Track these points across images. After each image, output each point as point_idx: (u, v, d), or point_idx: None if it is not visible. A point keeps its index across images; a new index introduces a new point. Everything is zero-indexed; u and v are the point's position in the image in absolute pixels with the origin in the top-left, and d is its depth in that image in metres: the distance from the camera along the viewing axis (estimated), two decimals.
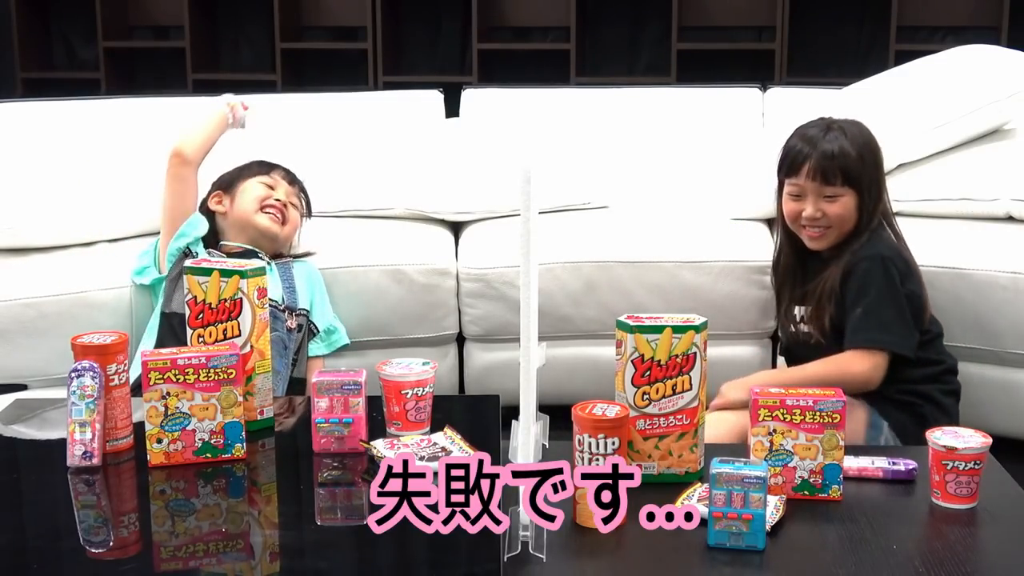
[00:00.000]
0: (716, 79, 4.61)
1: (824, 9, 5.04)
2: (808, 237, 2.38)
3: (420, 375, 1.82)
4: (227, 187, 2.66)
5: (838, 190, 2.31)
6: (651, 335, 1.69)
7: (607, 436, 1.56)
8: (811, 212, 2.33)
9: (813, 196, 2.33)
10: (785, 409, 1.67)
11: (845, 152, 2.31)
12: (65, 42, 5.57)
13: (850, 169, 2.31)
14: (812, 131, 2.36)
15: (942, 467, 1.66)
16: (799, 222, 2.37)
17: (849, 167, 2.31)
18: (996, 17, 4.76)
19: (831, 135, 2.33)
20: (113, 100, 3.73)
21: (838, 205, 2.32)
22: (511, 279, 2.82)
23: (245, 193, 2.63)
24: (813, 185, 2.32)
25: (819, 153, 2.31)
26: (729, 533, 1.52)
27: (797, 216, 2.37)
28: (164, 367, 1.70)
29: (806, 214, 2.34)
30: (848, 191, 2.32)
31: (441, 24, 5.39)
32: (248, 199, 2.62)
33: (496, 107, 3.59)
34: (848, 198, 2.32)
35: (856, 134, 2.35)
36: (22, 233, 2.84)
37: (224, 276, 1.86)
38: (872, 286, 2.29)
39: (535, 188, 1.43)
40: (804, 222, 2.36)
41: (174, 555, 1.50)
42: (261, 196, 2.63)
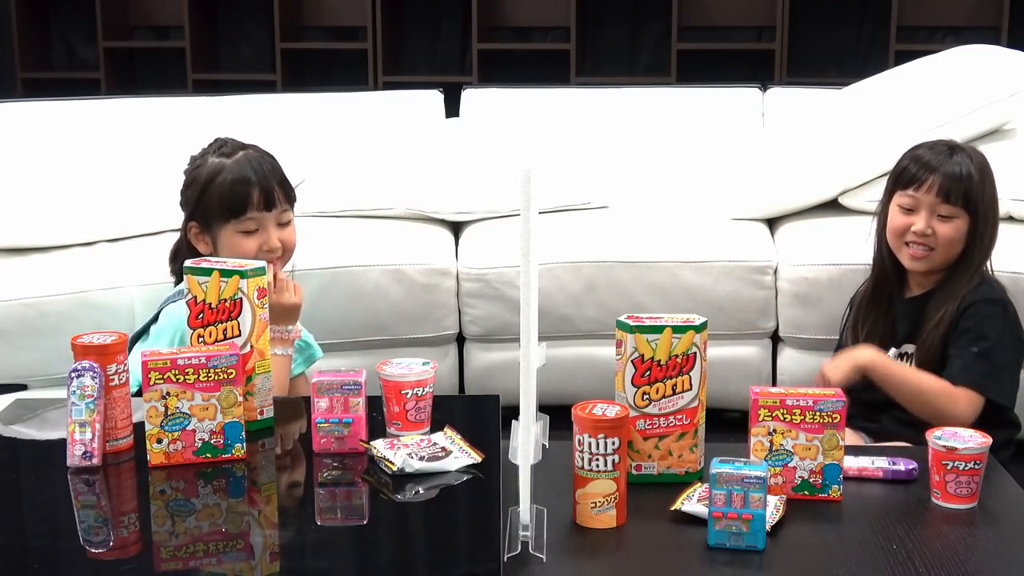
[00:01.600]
0: (716, 79, 4.61)
1: (824, 9, 5.04)
2: (910, 256, 2.28)
3: (420, 375, 1.82)
4: (202, 222, 2.23)
5: (955, 211, 2.23)
6: (651, 335, 1.69)
7: (607, 436, 1.56)
8: (922, 227, 2.23)
9: (927, 211, 2.24)
10: (785, 409, 1.67)
11: (971, 175, 2.23)
12: (65, 42, 5.58)
13: (972, 193, 2.23)
14: (937, 149, 2.29)
15: (942, 467, 1.66)
16: (904, 238, 2.27)
17: (972, 191, 2.23)
18: (996, 17, 4.76)
19: (958, 157, 2.26)
20: (113, 100, 3.74)
21: (951, 227, 2.23)
22: (511, 279, 2.82)
23: (233, 251, 2.17)
24: (931, 200, 2.23)
25: (945, 170, 2.23)
26: (729, 533, 1.52)
27: (904, 231, 2.27)
28: (164, 367, 1.70)
29: (916, 228, 2.24)
30: (964, 216, 2.24)
31: (441, 24, 5.40)
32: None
33: (496, 107, 3.60)
34: (962, 223, 2.24)
35: (981, 162, 2.28)
36: (22, 233, 2.84)
37: (224, 276, 1.85)
38: (992, 330, 2.21)
39: (535, 188, 1.43)
40: (911, 238, 2.26)
41: (174, 555, 1.50)
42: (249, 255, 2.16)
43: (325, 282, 2.76)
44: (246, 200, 2.19)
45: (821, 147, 3.08)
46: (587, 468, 1.57)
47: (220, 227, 2.21)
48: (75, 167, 3.05)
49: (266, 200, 2.20)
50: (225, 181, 2.19)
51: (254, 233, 2.21)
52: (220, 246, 2.21)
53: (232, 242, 2.19)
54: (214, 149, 2.27)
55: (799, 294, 2.81)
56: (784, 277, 2.83)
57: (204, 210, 2.22)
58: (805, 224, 3.00)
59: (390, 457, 1.69)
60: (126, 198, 2.99)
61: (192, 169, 2.27)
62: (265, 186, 2.21)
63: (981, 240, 2.26)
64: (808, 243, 2.88)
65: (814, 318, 2.81)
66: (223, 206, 2.19)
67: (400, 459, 1.68)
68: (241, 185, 2.19)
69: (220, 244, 2.21)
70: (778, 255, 2.87)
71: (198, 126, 3.32)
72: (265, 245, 2.21)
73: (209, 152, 2.27)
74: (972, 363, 2.19)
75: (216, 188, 2.19)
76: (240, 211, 2.19)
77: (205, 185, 2.21)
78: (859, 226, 2.93)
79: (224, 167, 2.22)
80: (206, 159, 2.25)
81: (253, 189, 2.19)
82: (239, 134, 2.76)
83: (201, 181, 2.22)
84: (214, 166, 2.23)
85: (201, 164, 2.25)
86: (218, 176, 2.20)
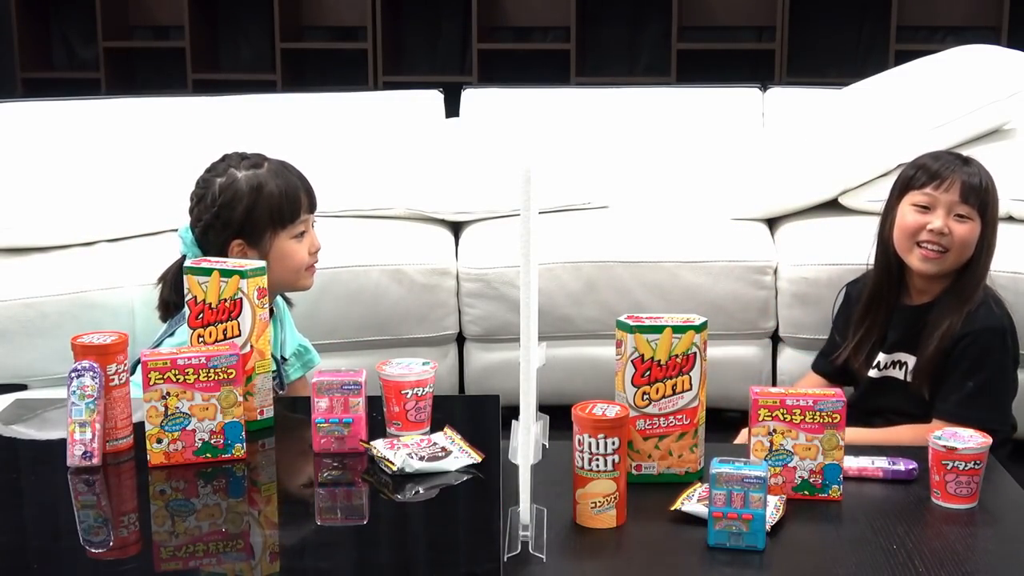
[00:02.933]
0: (716, 79, 4.61)
1: (824, 9, 5.04)
2: (922, 256, 2.23)
3: (420, 375, 1.82)
4: (251, 237, 2.19)
5: (972, 213, 2.21)
6: (651, 335, 1.69)
7: (607, 436, 1.56)
8: (940, 225, 2.20)
9: (945, 210, 2.21)
10: (785, 409, 1.67)
11: (986, 186, 2.24)
12: (65, 42, 5.57)
13: (987, 202, 2.23)
14: (951, 156, 2.29)
15: (942, 467, 1.66)
16: (916, 238, 2.23)
17: (987, 199, 2.23)
18: (996, 17, 4.76)
19: (974, 167, 2.26)
20: (113, 100, 3.73)
21: (967, 228, 2.21)
22: (511, 279, 2.82)
23: (286, 260, 2.19)
24: (950, 199, 2.21)
25: (964, 174, 2.23)
26: (729, 533, 1.52)
27: (917, 229, 2.23)
28: (164, 367, 1.70)
29: (933, 226, 2.20)
30: (978, 221, 2.22)
31: (441, 24, 5.39)
32: (291, 266, 2.21)
33: (496, 107, 3.60)
34: (975, 226, 2.22)
35: (988, 175, 2.28)
36: (22, 233, 2.84)
37: (224, 276, 1.85)
38: (990, 361, 2.19)
39: (535, 188, 1.43)
40: (925, 236, 2.22)
41: (174, 555, 1.50)
42: (307, 262, 2.24)
43: (325, 282, 2.75)
44: (298, 205, 2.20)
45: (821, 147, 3.08)
46: (587, 468, 1.57)
47: (273, 237, 2.18)
48: (75, 167, 3.05)
49: (311, 202, 2.24)
50: (274, 192, 2.18)
51: (302, 237, 2.22)
52: (273, 256, 2.17)
53: (287, 249, 2.19)
54: (236, 162, 2.22)
55: (799, 294, 2.81)
56: (784, 277, 2.83)
57: (253, 224, 2.17)
58: (805, 224, 3.00)
59: (390, 457, 1.69)
60: (126, 198, 2.99)
61: (227, 186, 2.19)
62: (308, 189, 2.24)
63: (988, 250, 2.25)
64: (808, 243, 2.88)
65: (814, 318, 2.81)
66: (276, 215, 2.18)
67: (400, 459, 1.68)
68: (293, 191, 2.20)
69: (274, 254, 2.18)
70: (778, 255, 2.87)
71: (198, 126, 3.34)
72: (313, 247, 2.24)
73: (232, 166, 2.21)
74: (967, 400, 2.17)
75: (265, 200, 2.17)
76: (293, 217, 2.19)
77: (254, 199, 2.17)
78: (859, 226, 2.93)
79: (264, 179, 2.19)
80: (233, 175, 2.19)
81: (301, 193, 2.21)
82: (239, 134, 2.77)
83: (245, 195, 2.17)
84: (253, 179, 2.19)
85: (231, 181, 2.19)
86: (264, 188, 2.18)
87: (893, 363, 2.31)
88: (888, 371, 2.32)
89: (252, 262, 1.93)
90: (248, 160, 2.23)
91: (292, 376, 2.31)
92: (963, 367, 2.19)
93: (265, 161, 2.24)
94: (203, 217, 2.19)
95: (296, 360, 2.33)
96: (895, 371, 2.31)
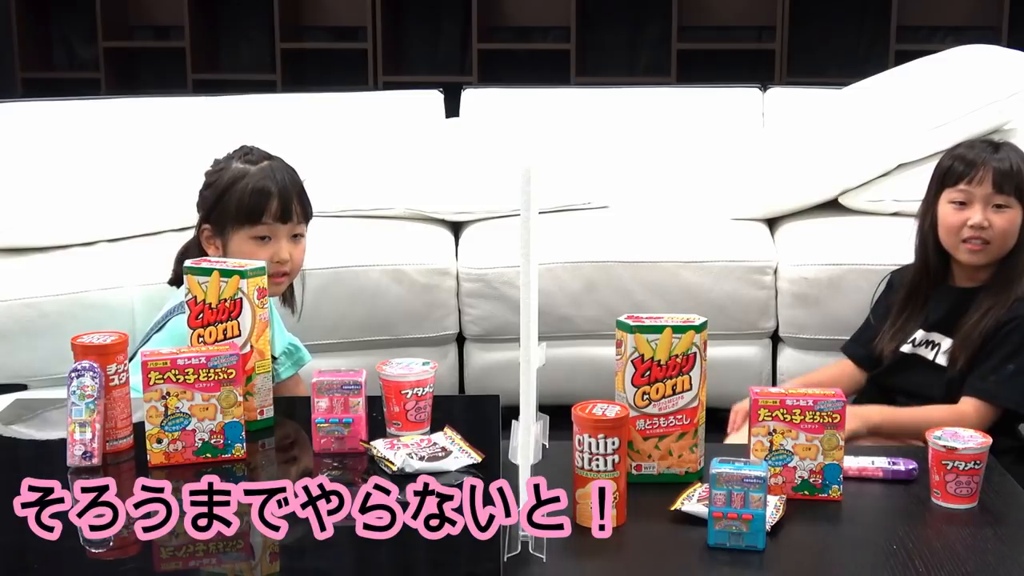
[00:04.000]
0: (716, 79, 4.61)
1: (824, 9, 5.04)
2: (968, 250, 2.26)
3: (420, 375, 1.82)
4: (216, 225, 2.23)
5: (1010, 200, 2.24)
6: (651, 335, 1.69)
7: (607, 436, 1.56)
8: (979, 220, 2.23)
9: (982, 204, 2.24)
10: (785, 409, 1.67)
11: (1019, 168, 2.26)
12: (65, 42, 5.57)
13: (1022, 181, 2.25)
14: (980, 146, 2.32)
15: (942, 467, 1.66)
16: (959, 235, 2.27)
17: (1021, 182, 2.25)
18: (996, 17, 4.76)
19: (1004, 151, 2.28)
20: (113, 100, 3.74)
21: (1006, 218, 2.24)
22: (511, 279, 2.82)
23: (238, 257, 2.16)
24: (984, 192, 2.24)
25: (995, 162, 2.26)
26: (729, 533, 1.52)
27: (959, 227, 2.26)
28: (164, 367, 1.70)
29: (973, 221, 2.23)
30: (1017, 206, 2.25)
31: (441, 24, 5.39)
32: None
33: (496, 107, 3.60)
34: (1016, 213, 2.25)
35: (1020, 153, 2.30)
36: (22, 233, 2.84)
37: (224, 276, 1.85)
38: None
39: (535, 188, 1.43)
40: (967, 233, 2.25)
41: (174, 555, 1.50)
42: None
43: (325, 282, 2.76)
44: (263, 208, 2.20)
45: (821, 147, 3.08)
46: (587, 468, 1.57)
47: (233, 232, 2.21)
48: (75, 167, 3.05)
49: (283, 212, 2.21)
50: (246, 187, 2.20)
51: (266, 242, 2.21)
52: (230, 251, 2.20)
53: (243, 248, 2.20)
54: (239, 155, 2.27)
55: (799, 294, 2.81)
56: (784, 277, 2.83)
57: (220, 213, 2.22)
58: (805, 224, 3.00)
59: (390, 457, 1.69)
60: (126, 198, 2.99)
61: (214, 172, 2.27)
62: (284, 198, 2.21)
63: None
64: (808, 243, 2.88)
65: (814, 318, 2.81)
66: (240, 211, 2.20)
67: (400, 459, 1.68)
68: (261, 193, 2.20)
69: (231, 249, 2.21)
70: (778, 255, 2.87)
71: (198, 126, 3.34)
72: (276, 256, 2.20)
73: (234, 157, 2.27)
74: (1007, 381, 2.19)
75: (235, 193, 2.20)
76: (256, 218, 2.20)
77: (225, 188, 2.21)
78: (859, 226, 2.94)
79: (247, 173, 2.22)
80: (230, 163, 2.25)
81: (272, 199, 2.20)
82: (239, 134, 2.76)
83: (222, 184, 2.22)
84: (237, 171, 2.23)
85: (224, 168, 2.25)
86: (239, 181, 2.21)
87: (927, 342, 2.32)
88: (920, 349, 2.32)
89: (252, 262, 1.93)
90: (251, 155, 2.26)
91: (283, 375, 2.29)
92: (1005, 350, 2.21)
93: (266, 159, 2.26)
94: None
95: (287, 359, 2.32)
96: (926, 350, 2.32)
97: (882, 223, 2.90)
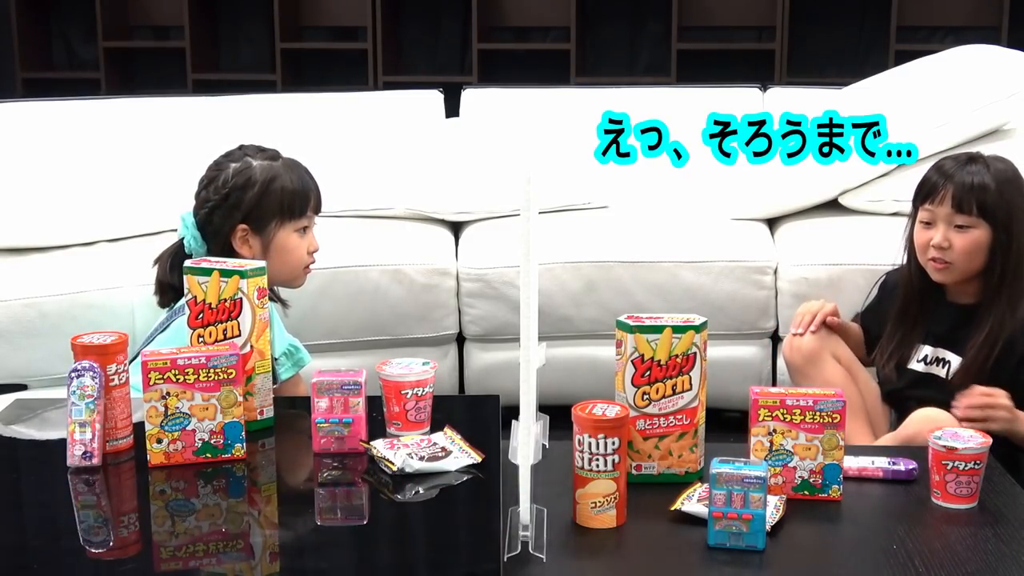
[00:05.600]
0: (716, 79, 4.61)
1: (824, 9, 5.04)
2: (933, 268, 2.26)
3: (420, 375, 1.82)
4: (256, 224, 2.25)
5: (971, 220, 2.20)
6: (651, 335, 1.69)
7: (607, 436, 1.56)
8: (938, 240, 2.22)
9: (944, 224, 2.22)
10: (785, 409, 1.67)
11: (984, 185, 2.20)
12: (65, 42, 5.57)
13: (987, 203, 2.20)
14: (953, 161, 2.28)
15: (942, 467, 1.66)
16: (927, 254, 2.26)
17: (986, 201, 2.20)
18: (996, 17, 4.76)
19: (973, 167, 2.24)
20: (113, 100, 3.74)
21: (966, 239, 2.21)
22: (511, 279, 2.82)
23: (286, 253, 2.25)
24: (945, 212, 2.22)
25: (957, 181, 2.22)
26: (729, 533, 1.52)
27: (926, 246, 2.25)
28: (164, 367, 1.70)
29: (933, 241, 2.23)
30: (982, 225, 2.20)
31: (441, 24, 5.39)
32: (290, 261, 2.27)
33: (496, 107, 3.59)
34: (980, 233, 2.21)
35: (1001, 170, 2.25)
36: (22, 233, 2.84)
37: (224, 276, 1.85)
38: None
39: (535, 188, 1.43)
40: (931, 253, 2.24)
41: (174, 555, 1.51)
42: (305, 260, 2.30)
43: (325, 282, 2.75)
44: (307, 201, 2.28)
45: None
46: (587, 468, 1.57)
47: (278, 227, 2.25)
48: (75, 167, 3.04)
49: (317, 202, 2.32)
50: (287, 183, 2.26)
51: (304, 233, 2.29)
52: (275, 246, 2.25)
53: (289, 242, 2.26)
54: (253, 152, 2.30)
55: (799, 294, 2.80)
56: (784, 277, 2.83)
57: (262, 211, 2.24)
58: (805, 224, 3.00)
59: (390, 457, 1.69)
60: (126, 198, 2.99)
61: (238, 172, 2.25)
62: (317, 190, 2.32)
63: (1006, 250, 2.21)
64: (808, 243, 2.88)
65: None
66: (285, 206, 2.25)
67: (400, 459, 1.68)
68: (304, 187, 2.29)
69: (276, 244, 2.25)
70: (778, 255, 2.87)
71: (198, 126, 3.33)
72: (311, 246, 2.31)
73: (247, 155, 2.29)
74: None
75: (278, 189, 2.25)
76: (301, 211, 2.27)
77: (266, 186, 2.24)
78: (859, 226, 2.94)
79: (279, 170, 2.27)
80: (249, 163, 2.26)
81: (311, 192, 2.30)
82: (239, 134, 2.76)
83: (259, 183, 2.24)
84: (268, 169, 2.26)
85: (246, 167, 2.26)
86: (278, 178, 2.25)
87: (937, 359, 2.31)
88: (932, 368, 2.31)
89: (252, 262, 1.93)
90: (265, 152, 2.31)
91: (283, 376, 2.30)
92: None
93: (280, 157, 2.32)
94: (211, 199, 2.25)
95: (287, 360, 2.32)
96: (938, 368, 2.30)
97: (882, 223, 2.90)
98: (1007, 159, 2.30)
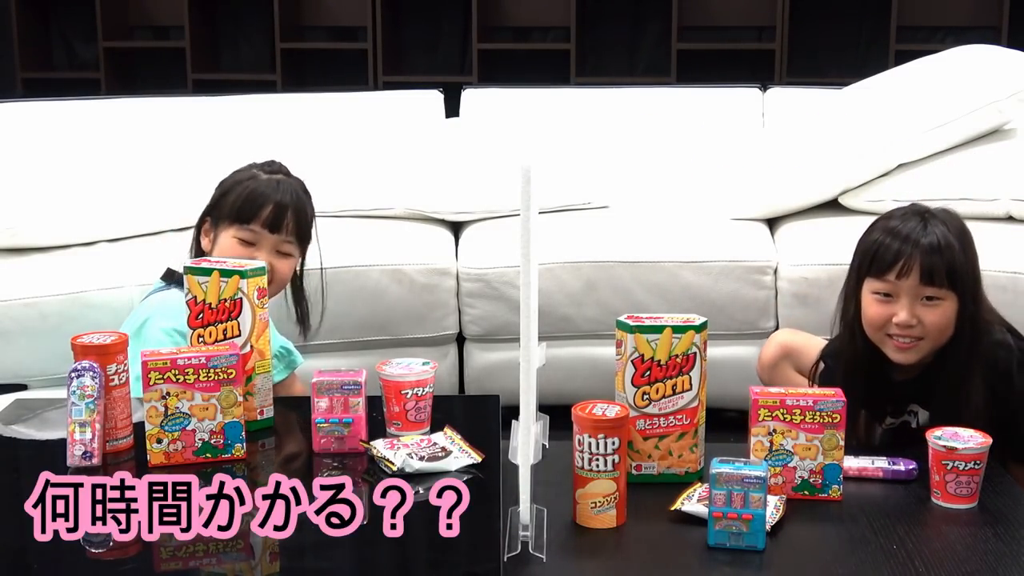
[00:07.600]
0: (716, 79, 4.61)
1: (824, 9, 5.04)
2: (895, 348, 1.99)
3: (420, 375, 1.82)
4: (214, 219, 2.30)
5: (940, 292, 1.95)
6: (651, 335, 1.69)
7: (607, 436, 1.56)
8: (906, 318, 1.95)
9: (909, 299, 1.95)
10: (785, 409, 1.67)
11: (950, 245, 1.94)
12: (65, 42, 5.57)
13: (955, 267, 1.94)
14: (908, 223, 1.99)
15: (942, 467, 1.66)
16: (885, 330, 1.99)
17: (955, 264, 1.94)
18: (996, 17, 4.76)
19: (932, 225, 1.97)
20: (113, 100, 3.74)
21: (938, 312, 1.95)
22: (511, 279, 2.82)
23: (220, 253, 2.23)
24: (911, 285, 1.95)
25: (922, 248, 1.94)
26: (729, 533, 1.52)
27: (885, 322, 1.98)
28: (164, 367, 1.70)
29: (899, 319, 1.95)
30: (950, 295, 1.95)
31: (441, 24, 5.39)
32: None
33: (496, 107, 3.60)
34: (950, 304, 1.96)
35: (956, 225, 2.00)
36: (22, 233, 2.84)
37: (224, 276, 1.85)
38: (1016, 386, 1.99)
39: (535, 188, 1.43)
40: (895, 330, 1.97)
41: (174, 555, 1.50)
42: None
43: (324, 282, 2.75)
44: (255, 213, 2.25)
45: (821, 147, 3.08)
46: (587, 468, 1.57)
47: (224, 228, 2.27)
48: (75, 167, 3.04)
49: (273, 220, 2.25)
50: (246, 189, 2.27)
51: (249, 246, 2.25)
52: (217, 246, 2.27)
53: (227, 244, 2.25)
54: (263, 164, 2.37)
55: (799, 294, 2.81)
56: (784, 277, 2.83)
57: (219, 208, 2.29)
58: (805, 224, 3.00)
59: (390, 457, 1.69)
60: (126, 198, 2.99)
61: (233, 174, 2.35)
62: (279, 208, 2.26)
63: (974, 320, 1.98)
64: (808, 243, 2.88)
65: (814, 318, 2.80)
66: (233, 209, 2.26)
67: (400, 459, 1.68)
68: (257, 197, 2.26)
69: (217, 244, 2.27)
70: (778, 255, 2.87)
71: (198, 126, 3.34)
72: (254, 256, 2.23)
73: (256, 166, 2.36)
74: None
75: (235, 191, 2.28)
76: (245, 219, 2.24)
77: (230, 187, 2.30)
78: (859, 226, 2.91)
79: (256, 178, 2.31)
80: (250, 169, 2.34)
81: (267, 205, 2.25)
82: (239, 134, 2.77)
83: (228, 183, 2.32)
84: (248, 175, 2.32)
85: (241, 171, 2.35)
86: (244, 183, 2.29)
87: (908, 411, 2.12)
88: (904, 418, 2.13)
89: (252, 262, 1.93)
90: (274, 167, 2.36)
91: (276, 377, 2.29)
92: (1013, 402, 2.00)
93: (286, 176, 2.34)
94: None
95: (279, 361, 2.32)
96: (909, 417, 2.13)
97: None
98: (949, 209, 2.06)
